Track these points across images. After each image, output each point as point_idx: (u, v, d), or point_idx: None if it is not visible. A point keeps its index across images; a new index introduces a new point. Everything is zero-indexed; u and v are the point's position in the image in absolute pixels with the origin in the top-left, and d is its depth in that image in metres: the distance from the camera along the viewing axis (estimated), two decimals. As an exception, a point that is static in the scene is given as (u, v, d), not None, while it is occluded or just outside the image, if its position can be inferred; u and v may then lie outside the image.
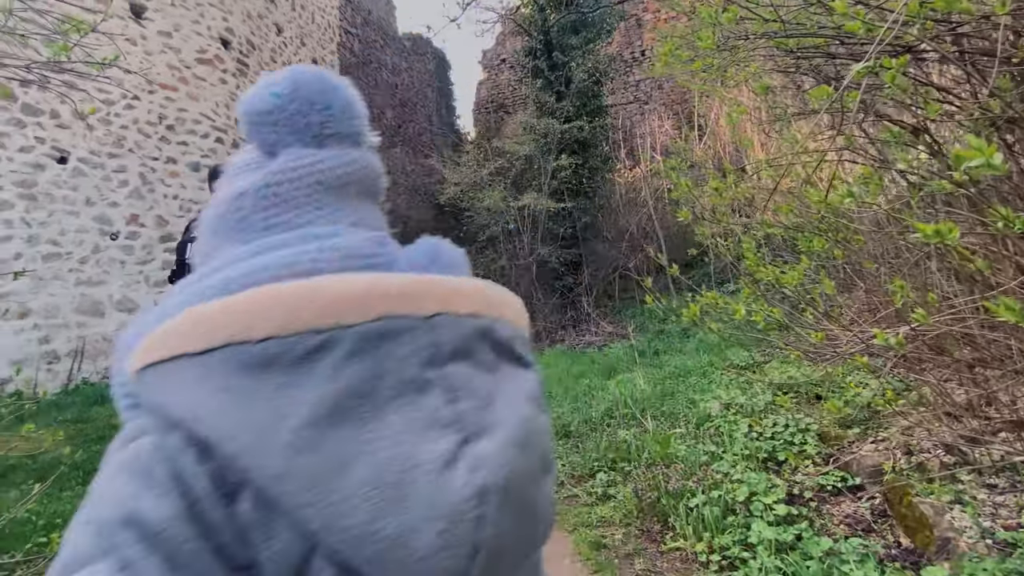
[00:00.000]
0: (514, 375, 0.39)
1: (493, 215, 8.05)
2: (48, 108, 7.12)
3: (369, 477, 0.29)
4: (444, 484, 0.30)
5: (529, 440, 0.35)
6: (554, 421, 3.98)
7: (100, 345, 7.23)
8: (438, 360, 0.35)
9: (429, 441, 0.31)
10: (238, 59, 9.30)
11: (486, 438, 0.33)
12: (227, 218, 0.43)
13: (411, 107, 15.58)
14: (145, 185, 7.87)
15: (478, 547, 0.30)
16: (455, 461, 0.31)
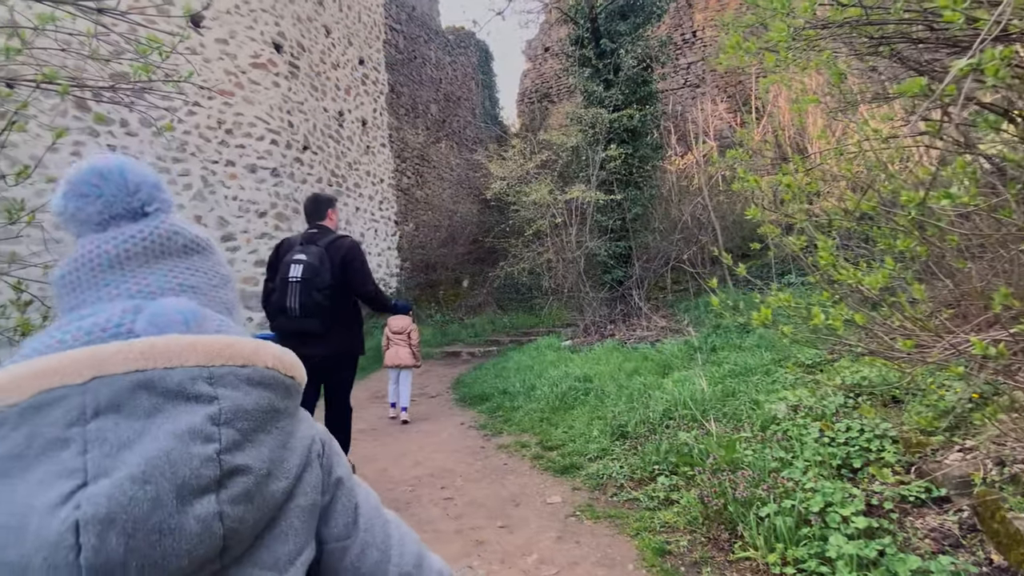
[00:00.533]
0: (174, 414, 0.45)
1: (540, 209, 8.03)
2: (118, 117, 7.62)
3: (3, 520, 0.40)
4: (48, 522, 0.39)
5: (154, 474, 0.42)
6: (608, 421, 3.96)
7: (170, 340, 7.73)
8: (82, 419, 0.43)
9: (51, 489, 0.40)
10: (289, 62, 9.63)
11: (104, 479, 0.41)
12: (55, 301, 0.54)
13: (455, 101, 15.71)
14: (207, 187, 8.31)
15: (84, 567, 0.39)
16: (64, 503, 0.40)
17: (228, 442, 0.46)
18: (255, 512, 0.47)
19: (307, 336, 2.76)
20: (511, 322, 11.95)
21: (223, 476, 0.45)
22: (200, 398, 0.47)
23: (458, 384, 6.85)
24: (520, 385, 5.43)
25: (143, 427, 0.44)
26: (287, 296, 2.79)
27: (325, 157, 10.28)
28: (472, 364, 8.89)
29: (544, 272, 8.98)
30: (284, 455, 0.51)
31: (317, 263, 2.79)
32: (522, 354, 7.56)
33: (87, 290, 0.53)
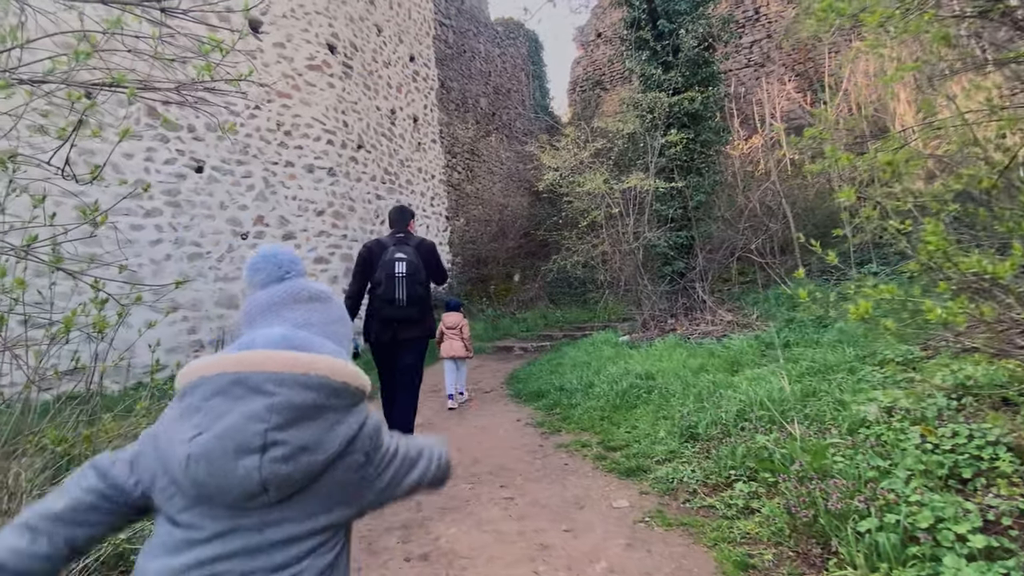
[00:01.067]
0: (249, 401, 0.75)
1: (594, 199, 7.82)
2: (186, 123, 8.02)
3: (174, 441, 0.74)
4: (182, 450, 0.72)
5: (225, 436, 0.72)
6: (676, 421, 3.77)
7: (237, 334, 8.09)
8: (208, 396, 0.76)
9: (187, 432, 0.73)
10: (343, 63, 9.85)
11: (206, 434, 0.72)
12: (239, 322, 0.92)
13: (505, 93, 15.64)
14: (268, 188, 8.63)
15: (188, 477, 0.72)
16: (188, 443, 0.73)
17: (274, 423, 0.75)
18: (291, 471, 0.75)
19: (409, 322, 3.36)
20: (563, 316, 11.80)
21: (267, 444, 0.74)
22: (265, 393, 0.76)
23: (512, 379, 6.79)
24: (577, 382, 5.29)
25: (231, 407, 0.75)
26: (395, 289, 3.30)
27: (378, 155, 10.47)
28: (525, 359, 8.82)
29: (599, 265, 8.77)
30: (325, 437, 0.78)
31: (416, 261, 3.37)
32: (577, 350, 7.41)
33: (255, 321, 0.91)
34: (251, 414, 0.74)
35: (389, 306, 3.32)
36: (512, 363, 8.53)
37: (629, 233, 7.95)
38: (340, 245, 9.17)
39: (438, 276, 3.59)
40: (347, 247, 9.27)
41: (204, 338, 7.80)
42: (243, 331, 0.89)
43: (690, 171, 8.23)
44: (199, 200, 8.01)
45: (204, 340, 7.79)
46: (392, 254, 3.37)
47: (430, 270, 3.49)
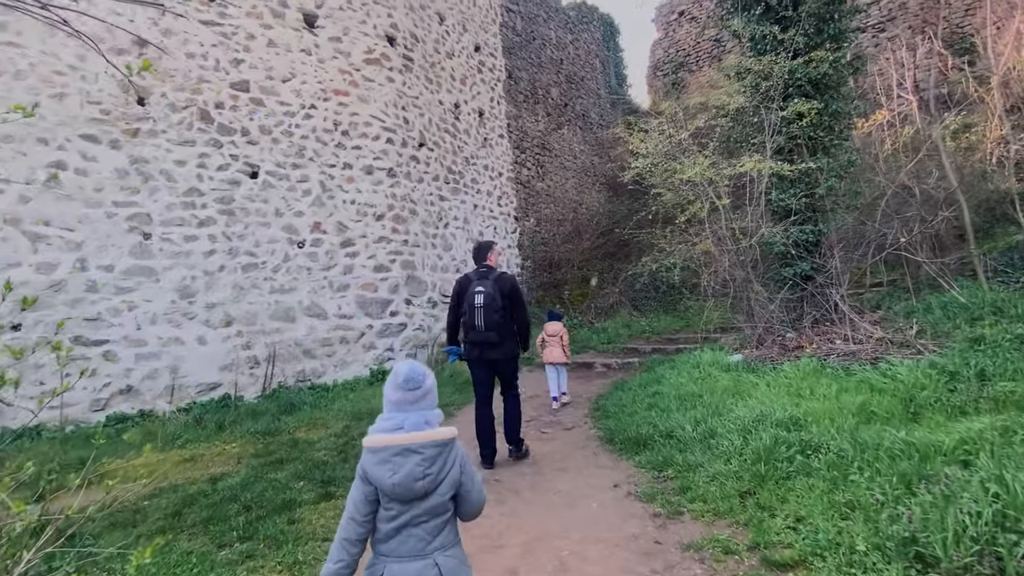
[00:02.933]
0: (414, 458, 1.52)
1: (695, 189, 6.37)
2: (239, 127, 7.47)
3: (380, 477, 1.54)
4: (387, 481, 1.51)
5: (407, 475, 1.51)
6: (881, 523, 2.35)
7: (292, 350, 7.45)
8: (391, 456, 1.53)
9: (387, 473, 1.52)
10: (403, 55, 9.02)
11: (397, 475, 1.51)
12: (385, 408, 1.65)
13: (577, 82, 14.34)
14: (325, 192, 7.93)
15: (392, 492, 1.53)
16: (390, 478, 1.52)
17: (425, 464, 1.52)
18: (434, 482, 1.53)
19: (489, 344, 3.90)
20: (650, 326, 10.33)
21: (424, 474, 1.51)
22: (420, 453, 1.52)
23: (599, 411, 5.51)
24: (691, 427, 3.92)
25: (406, 461, 1.51)
26: (475, 317, 3.88)
27: (441, 153, 9.56)
28: (609, 379, 7.49)
29: (701, 267, 7.27)
30: (444, 466, 1.56)
31: (493, 292, 3.86)
32: (677, 372, 6.00)
33: (403, 408, 1.57)
34: (416, 463, 1.51)
35: (473, 331, 3.94)
36: (593, 383, 7.24)
37: (738, 228, 6.42)
38: (401, 252, 8.31)
39: (519, 313, 4.02)
40: (408, 254, 8.39)
41: (259, 354, 7.18)
42: (391, 410, 1.59)
43: (815, 151, 6.57)
44: (253, 207, 7.42)
45: (259, 356, 7.17)
46: (473, 287, 3.94)
47: (511, 302, 3.96)
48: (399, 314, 8.14)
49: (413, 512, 1.50)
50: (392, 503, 1.50)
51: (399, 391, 1.57)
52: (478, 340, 3.91)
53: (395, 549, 1.50)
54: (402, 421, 1.53)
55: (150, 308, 6.66)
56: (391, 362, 7.98)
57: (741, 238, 6.37)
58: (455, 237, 9.50)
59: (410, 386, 1.57)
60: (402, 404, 1.56)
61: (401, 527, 1.50)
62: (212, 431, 5.61)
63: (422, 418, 1.54)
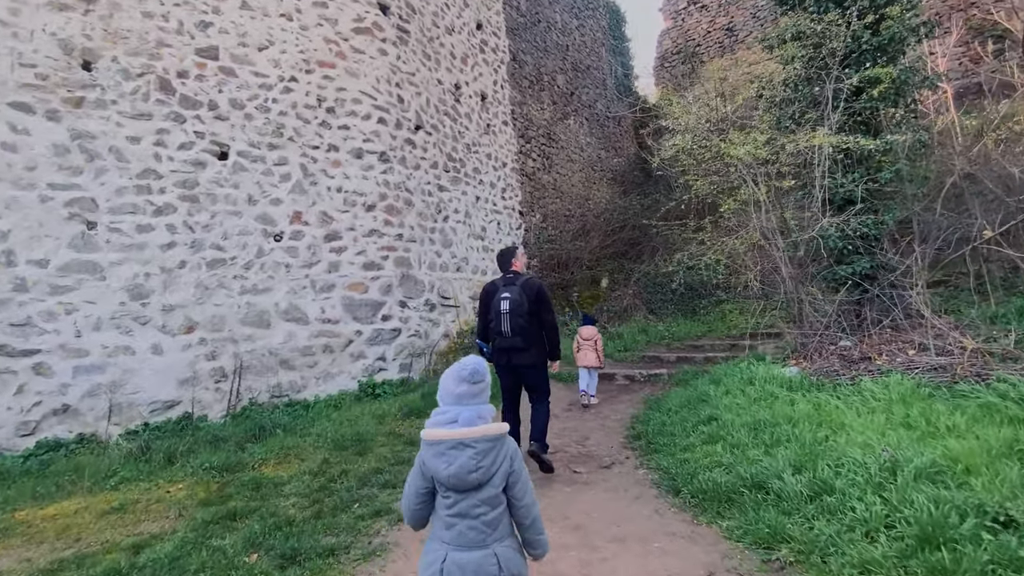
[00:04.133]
0: (467, 451, 1.55)
1: (743, 171, 5.33)
2: (206, 99, 6.34)
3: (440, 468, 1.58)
4: (443, 472, 1.56)
5: (461, 467, 1.54)
6: None
7: (266, 360, 6.33)
8: (447, 449, 1.57)
9: (443, 465, 1.56)
10: (398, 25, 7.93)
11: (451, 467, 1.55)
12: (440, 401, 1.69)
13: (583, 71, 13.31)
14: (307, 178, 6.82)
15: (448, 482, 1.57)
16: (446, 469, 1.56)
17: (478, 457, 1.55)
18: (487, 474, 1.56)
19: (515, 350, 3.86)
20: (668, 331, 9.29)
21: (476, 467, 1.54)
22: (472, 447, 1.56)
23: (639, 440, 4.45)
24: (792, 476, 2.85)
25: (460, 454, 1.55)
26: (502, 323, 3.86)
27: (440, 138, 8.47)
28: (635, 393, 6.44)
29: (743, 265, 6.23)
30: (496, 458, 1.59)
31: (519, 298, 3.85)
32: (725, 389, 4.97)
33: (461, 400, 1.61)
34: (468, 456, 1.54)
35: (500, 337, 3.88)
36: (619, 400, 6.17)
37: (790, 218, 5.38)
38: (395, 247, 7.20)
39: (546, 316, 3.94)
40: (403, 250, 7.29)
41: (226, 365, 6.03)
42: (449, 403, 1.63)
43: (879, 129, 5.55)
44: (222, 193, 6.28)
45: (227, 368, 6.02)
46: (500, 294, 3.90)
47: (538, 307, 3.89)
48: (392, 318, 7.04)
49: (470, 502, 1.57)
50: (449, 492, 1.58)
51: (464, 384, 1.62)
52: (504, 346, 3.87)
53: (453, 539, 1.56)
54: (456, 415, 1.59)
55: (93, 311, 5.50)
56: (383, 373, 6.86)
57: (796, 230, 5.32)
58: (455, 232, 8.41)
59: (476, 378, 1.63)
60: (464, 397, 1.62)
61: (458, 517, 1.57)
62: (159, 465, 4.47)
63: (475, 412, 1.60)
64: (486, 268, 9.03)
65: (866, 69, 5.01)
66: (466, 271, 8.52)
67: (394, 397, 6.43)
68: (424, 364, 7.21)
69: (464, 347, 7.72)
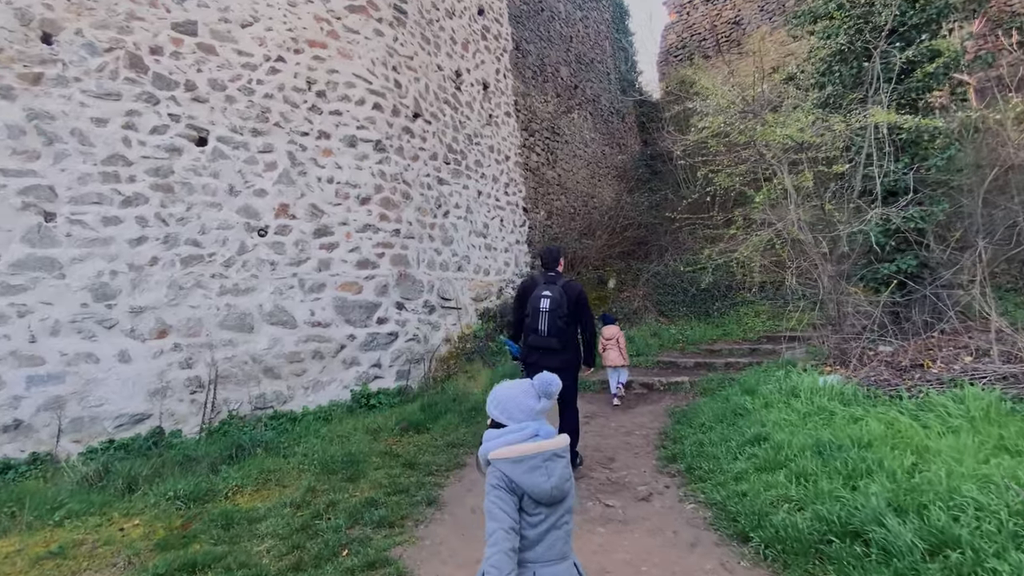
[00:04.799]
0: (560, 463, 1.54)
1: (778, 155, 4.74)
2: (183, 79, 5.70)
3: (538, 484, 1.51)
4: (544, 485, 1.50)
5: (559, 478, 1.52)
6: None
7: (249, 368, 5.69)
8: (542, 462, 1.52)
9: (541, 479, 1.50)
10: (395, 5, 7.32)
11: (552, 479, 1.50)
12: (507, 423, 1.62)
13: (587, 64, 12.74)
14: (295, 167, 6.19)
15: (548, 496, 1.51)
16: (547, 483, 1.50)
17: (567, 465, 1.57)
18: (572, 483, 1.57)
19: (550, 350, 3.71)
20: (681, 334, 8.71)
21: (570, 475, 1.57)
22: (564, 457, 1.56)
23: (677, 462, 3.84)
24: (902, 526, 2.24)
25: (556, 465, 1.52)
26: (539, 321, 3.72)
27: (440, 128, 7.86)
28: (656, 404, 5.85)
29: (764, 263, 5.64)
30: (568, 473, 1.56)
31: (560, 298, 3.71)
32: (764, 401, 4.39)
33: (536, 419, 1.60)
34: (563, 466, 1.54)
35: (534, 334, 3.75)
36: (639, 412, 5.58)
37: (828, 211, 4.81)
38: (391, 244, 6.58)
39: (585, 320, 3.83)
40: (400, 247, 6.67)
41: (203, 374, 5.37)
42: (525, 419, 1.58)
43: (927, 110, 4.99)
44: (200, 183, 5.64)
45: (203, 377, 5.36)
46: (540, 291, 3.77)
47: (577, 310, 3.76)
48: (388, 321, 6.41)
49: (558, 514, 1.53)
50: (540, 508, 1.51)
51: (542, 400, 1.60)
52: (538, 345, 3.75)
53: (542, 555, 1.49)
54: (536, 429, 1.56)
55: (50, 313, 4.84)
56: (378, 381, 6.23)
57: (838, 223, 4.75)
58: (456, 229, 7.79)
59: (552, 391, 1.59)
60: (540, 414, 1.60)
61: (547, 530, 1.51)
62: (116, 493, 3.82)
63: (545, 426, 1.58)
64: (488, 267, 8.42)
65: (921, 42, 4.45)
66: (467, 270, 7.90)
67: (390, 408, 5.80)
68: (423, 371, 6.58)
69: (466, 352, 7.11)
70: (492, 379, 6.55)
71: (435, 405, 5.68)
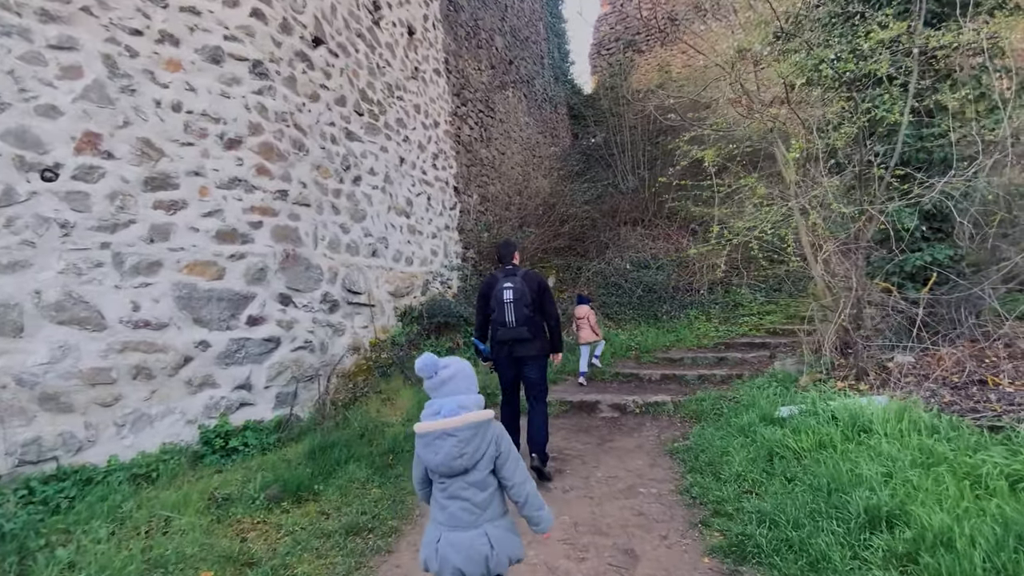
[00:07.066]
0: (451, 440, 1.58)
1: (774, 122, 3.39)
2: None
3: (433, 455, 1.61)
4: (432, 460, 1.61)
5: (447, 454, 1.58)
6: None
7: (13, 396, 3.28)
8: (433, 439, 1.60)
9: (431, 454, 1.60)
10: None
11: (439, 455, 1.58)
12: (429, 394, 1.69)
13: (522, 41, 11.19)
14: (116, 79, 3.86)
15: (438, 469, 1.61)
16: (435, 457, 1.60)
17: (461, 445, 1.57)
18: (472, 459, 1.58)
19: (521, 340, 3.57)
20: (632, 340, 7.38)
21: (460, 453, 1.57)
22: (455, 436, 1.58)
23: (736, 555, 2.27)
24: None
25: (444, 443, 1.58)
26: (505, 313, 3.56)
27: (351, 66, 5.78)
28: (639, 436, 4.34)
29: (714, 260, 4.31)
30: (480, 444, 1.59)
31: (522, 287, 3.57)
32: (814, 440, 3.09)
33: (436, 392, 1.64)
34: (452, 444, 1.56)
35: (502, 328, 3.58)
36: (627, 449, 4.01)
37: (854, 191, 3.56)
38: (274, 210, 4.44)
39: (549, 308, 3.68)
40: (289, 215, 4.55)
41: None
42: (432, 396, 1.65)
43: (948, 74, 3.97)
44: (-81, 79, 3.16)
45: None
46: (501, 284, 3.62)
47: (541, 299, 3.65)
48: (266, 322, 4.26)
49: (459, 484, 1.60)
50: (440, 478, 1.61)
51: (425, 381, 1.65)
52: (507, 337, 3.56)
53: (449, 520, 1.59)
54: (440, 407, 1.61)
55: None
56: (246, 411, 4.06)
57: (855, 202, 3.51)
58: (371, 201, 5.76)
59: (427, 372, 1.62)
60: (431, 391, 1.64)
61: (451, 498, 1.60)
62: None
63: (456, 403, 1.60)
64: (412, 255, 6.45)
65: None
66: (385, 257, 5.89)
67: (262, 454, 3.68)
68: (317, 393, 4.48)
69: (381, 365, 5.09)
70: (418, 402, 4.63)
71: (332, 447, 3.66)
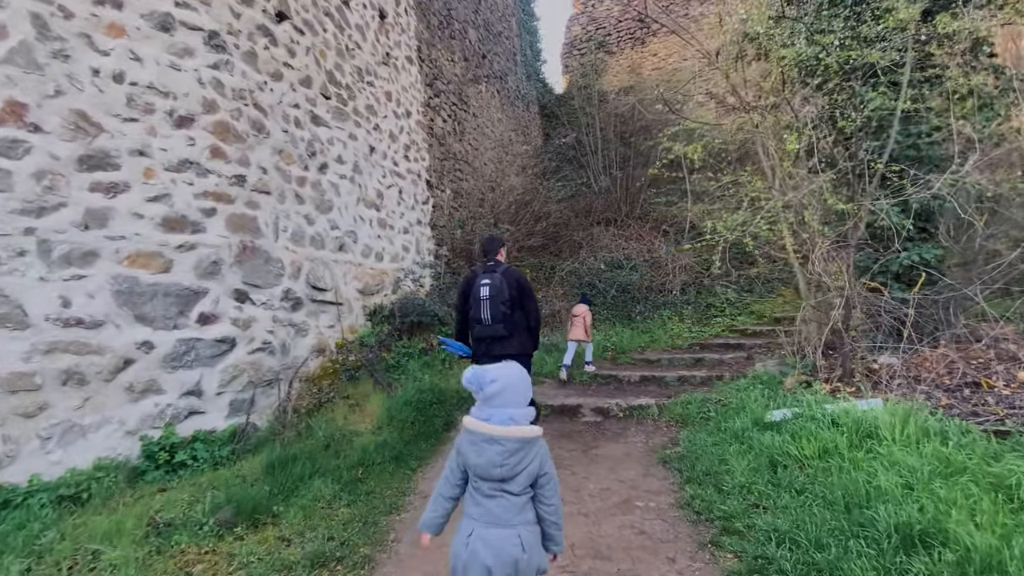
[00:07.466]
0: (496, 447, 1.56)
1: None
2: None
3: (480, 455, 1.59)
4: (474, 461, 1.59)
5: (491, 461, 1.56)
6: None
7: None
8: (479, 441, 1.58)
9: (473, 455, 1.59)
10: None
11: (480, 458, 1.57)
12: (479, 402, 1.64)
13: (495, 36, 10.91)
14: (46, 42, 3.35)
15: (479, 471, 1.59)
16: (477, 459, 1.58)
17: (505, 454, 1.55)
18: (511, 471, 1.55)
19: (497, 338, 3.54)
20: (608, 341, 7.25)
21: (502, 463, 1.55)
22: (501, 444, 1.55)
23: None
24: None
25: (489, 448, 1.56)
26: (481, 310, 3.54)
27: (319, 45, 5.36)
28: (625, 443, 4.14)
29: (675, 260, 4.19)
30: (524, 458, 1.57)
31: (500, 284, 3.53)
32: (818, 447, 2.99)
33: (490, 403, 1.59)
34: (497, 451, 1.54)
35: (479, 325, 3.56)
36: (614, 457, 3.79)
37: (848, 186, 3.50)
38: (230, 196, 4.00)
39: (529, 304, 3.65)
40: (246, 203, 4.11)
41: None
42: (482, 404, 1.61)
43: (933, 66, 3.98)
44: None
45: None
46: (480, 280, 3.58)
47: (521, 295, 3.59)
48: (220, 320, 3.82)
49: (495, 489, 1.58)
50: (479, 481, 1.60)
51: (477, 394, 1.63)
52: (484, 335, 3.56)
53: (484, 515, 1.58)
54: (490, 414, 1.59)
55: None
56: (195, 420, 3.61)
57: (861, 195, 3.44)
58: (338, 192, 5.34)
59: (471, 389, 1.62)
60: (486, 405, 1.61)
61: (488, 496, 1.59)
62: None
63: (506, 415, 1.58)
64: (382, 251, 6.06)
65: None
66: (353, 252, 5.49)
67: (213, 470, 3.26)
68: (277, 399, 4.06)
69: (349, 368, 4.69)
70: (389, 408, 4.27)
71: (294, 461, 3.27)
